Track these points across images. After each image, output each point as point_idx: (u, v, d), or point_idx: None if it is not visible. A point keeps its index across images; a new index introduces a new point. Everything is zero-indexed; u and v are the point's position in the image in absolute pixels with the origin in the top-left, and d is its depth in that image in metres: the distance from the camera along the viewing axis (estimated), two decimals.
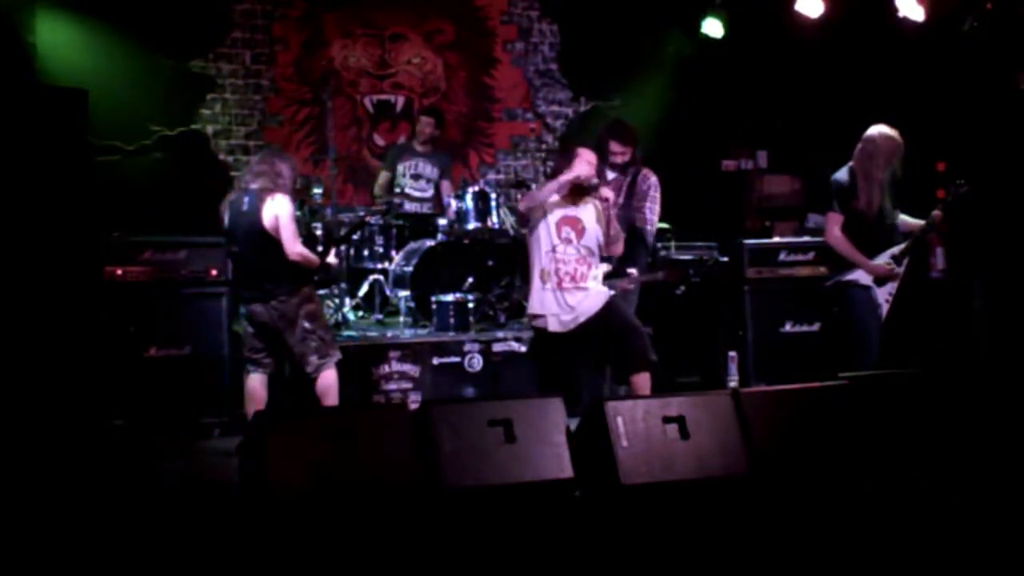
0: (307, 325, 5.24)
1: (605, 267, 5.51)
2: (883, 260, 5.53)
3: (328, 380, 5.28)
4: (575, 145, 5.47)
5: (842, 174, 5.57)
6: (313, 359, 5.25)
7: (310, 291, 5.36)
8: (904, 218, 5.64)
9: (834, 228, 5.56)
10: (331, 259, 5.56)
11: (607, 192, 5.27)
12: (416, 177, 7.77)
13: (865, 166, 5.50)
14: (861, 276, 5.54)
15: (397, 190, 7.67)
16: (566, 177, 5.17)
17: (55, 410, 5.41)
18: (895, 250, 5.54)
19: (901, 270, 5.55)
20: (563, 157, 5.41)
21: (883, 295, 5.53)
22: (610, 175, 5.82)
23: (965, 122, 6.96)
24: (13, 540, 3.73)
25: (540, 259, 5.22)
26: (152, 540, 3.86)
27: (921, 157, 6.82)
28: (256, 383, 5.31)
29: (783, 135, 8.74)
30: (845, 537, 3.83)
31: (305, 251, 5.25)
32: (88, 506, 4.27)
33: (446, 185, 7.81)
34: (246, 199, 5.23)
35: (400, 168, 7.78)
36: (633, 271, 5.67)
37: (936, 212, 5.51)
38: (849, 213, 5.51)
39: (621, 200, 5.78)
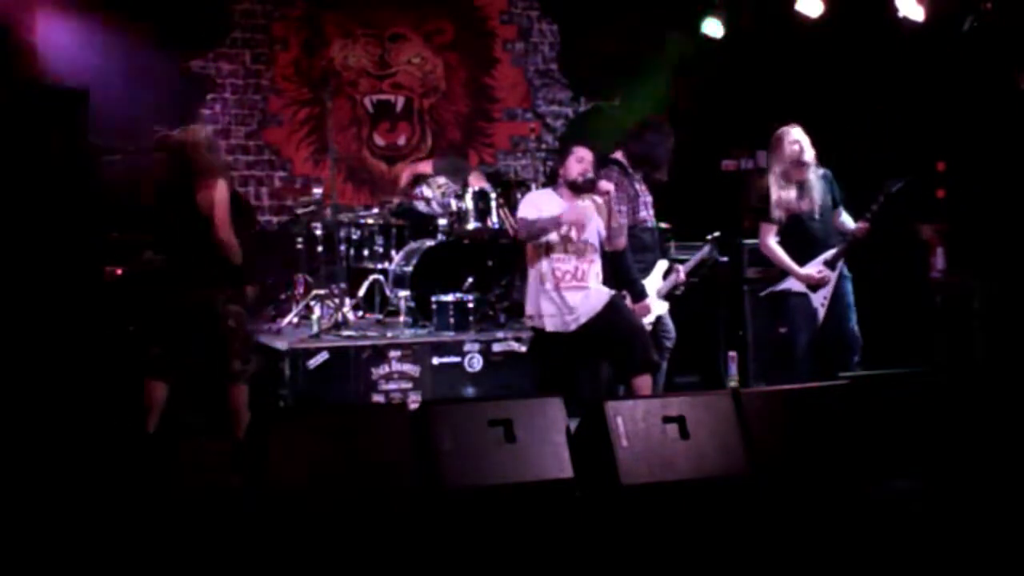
0: (231, 324, 5.07)
1: (663, 264, 5.68)
2: (814, 266, 5.51)
3: (243, 396, 5.09)
4: (572, 144, 5.45)
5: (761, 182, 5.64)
6: (236, 363, 5.07)
7: (239, 294, 5.17)
8: (845, 219, 5.63)
9: (764, 236, 5.63)
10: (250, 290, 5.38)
11: (606, 184, 5.26)
12: (444, 195, 7.76)
13: (770, 168, 5.56)
14: (794, 284, 5.55)
15: (416, 190, 7.65)
16: (559, 217, 5.09)
17: (54, 410, 5.41)
18: (827, 255, 5.52)
19: (834, 275, 5.53)
20: (561, 157, 5.40)
21: (818, 300, 5.53)
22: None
23: (965, 122, 6.95)
24: (11, 540, 3.73)
25: (537, 261, 5.19)
26: (152, 540, 3.85)
27: (921, 157, 6.83)
28: (161, 392, 5.06)
29: None
30: (845, 538, 3.83)
31: (233, 237, 5.04)
32: (87, 506, 4.27)
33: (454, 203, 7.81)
34: (181, 183, 5.06)
35: (441, 179, 7.76)
36: (680, 267, 5.77)
37: (861, 224, 5.50)
38: (773, 219, 5.55)
39: (650, 199, 5.78)
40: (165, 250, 5.22)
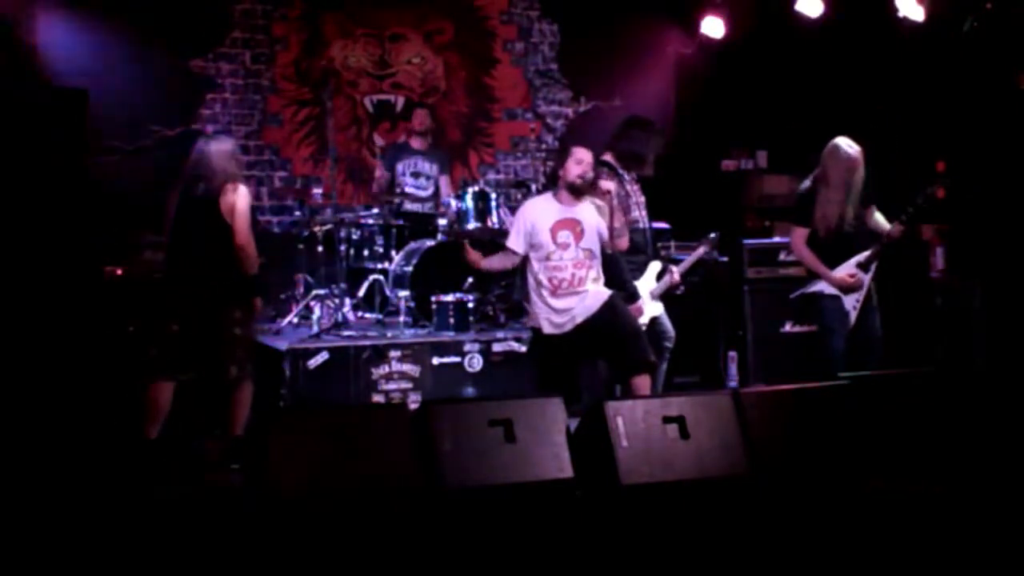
0: (237, 331, 5.04)
1: (656, 265, 5.66)
2: (847, 269, 5.52)
3: (247, 395, 5.08)
4: (571, 144, 5.45)
5: (804, 185, 5.61)
6: (233, 369, 5.04)
7: (250, 303, 5.14)
8: (879, 219, 5.62)
9: (797, 239, 5.62)
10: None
11: (608, 184, 5.25)
12: (416, 175, 7.77)
13: (820, 180, 5.53)
14: (826, 286, 5.55)
15: (397, 190, 7.67)
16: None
17: (54, 409, 5.42)
18: (861, 257, 5.52)
19: (867, 277, 5.53)
20: (559, 157, 5.38)
21: (850, 303, 5.53)
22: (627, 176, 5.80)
23: (965, 122, 6.95)
24: (11, 540, 3.73)
25: (534, 266, 5.17)
26: (152, 540, 3.85)
27: (921, 157, 6.83)
28: (167, 393, 5.00)
29: (783, 135, 8.75)
30: (845, 538, 3.83)
31: (252, 245, 5.04)
32: (87, 506, 4.27)
33: (445, 181, 7.81)
34: (202, 186, 5.04)
35: (399, 167, 7.77)
36: (674, 268, 5.75)
37: (896, 226, 5.49)
38: (811, 224, 5.54)
39: (643, 199, 5.79)
40: (181, 254, 5.11)
